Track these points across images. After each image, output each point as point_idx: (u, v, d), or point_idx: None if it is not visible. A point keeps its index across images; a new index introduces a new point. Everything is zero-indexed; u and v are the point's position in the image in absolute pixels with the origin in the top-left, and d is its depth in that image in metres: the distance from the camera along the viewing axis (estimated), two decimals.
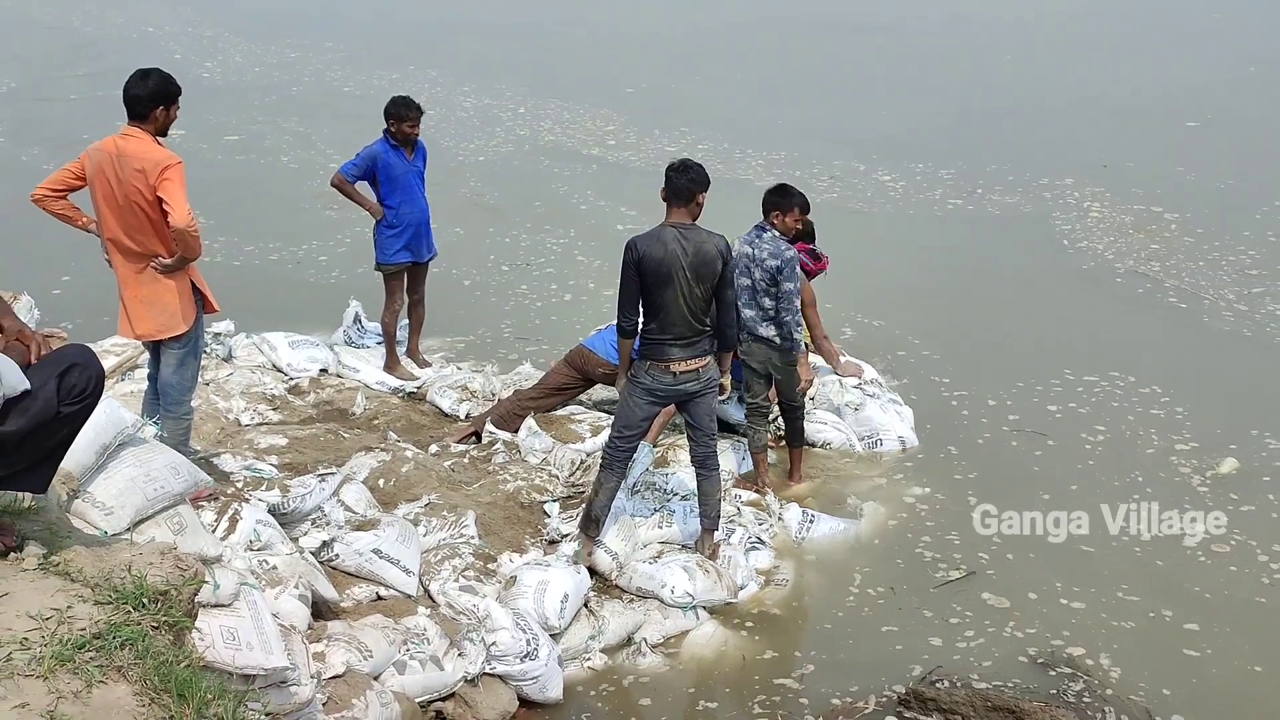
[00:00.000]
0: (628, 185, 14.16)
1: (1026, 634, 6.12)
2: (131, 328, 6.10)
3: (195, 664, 3.42)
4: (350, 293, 9.22)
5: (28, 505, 3.92)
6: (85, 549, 3.68)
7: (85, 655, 3.17)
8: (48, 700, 3.00)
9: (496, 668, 5.51)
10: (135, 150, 5.78)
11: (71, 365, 3.49)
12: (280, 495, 6.08)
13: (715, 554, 6.45)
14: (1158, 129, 17.64)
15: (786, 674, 5.87)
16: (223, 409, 7.69)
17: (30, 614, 3.30)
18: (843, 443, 7.83)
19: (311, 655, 4.94)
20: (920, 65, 22.93)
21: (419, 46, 24.26)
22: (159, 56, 20.57)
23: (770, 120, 18.36)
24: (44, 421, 3.42)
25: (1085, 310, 10.63)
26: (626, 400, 6.21)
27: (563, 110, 18.88)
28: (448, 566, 6.04)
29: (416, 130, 8.03)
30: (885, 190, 14.76)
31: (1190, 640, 6.07)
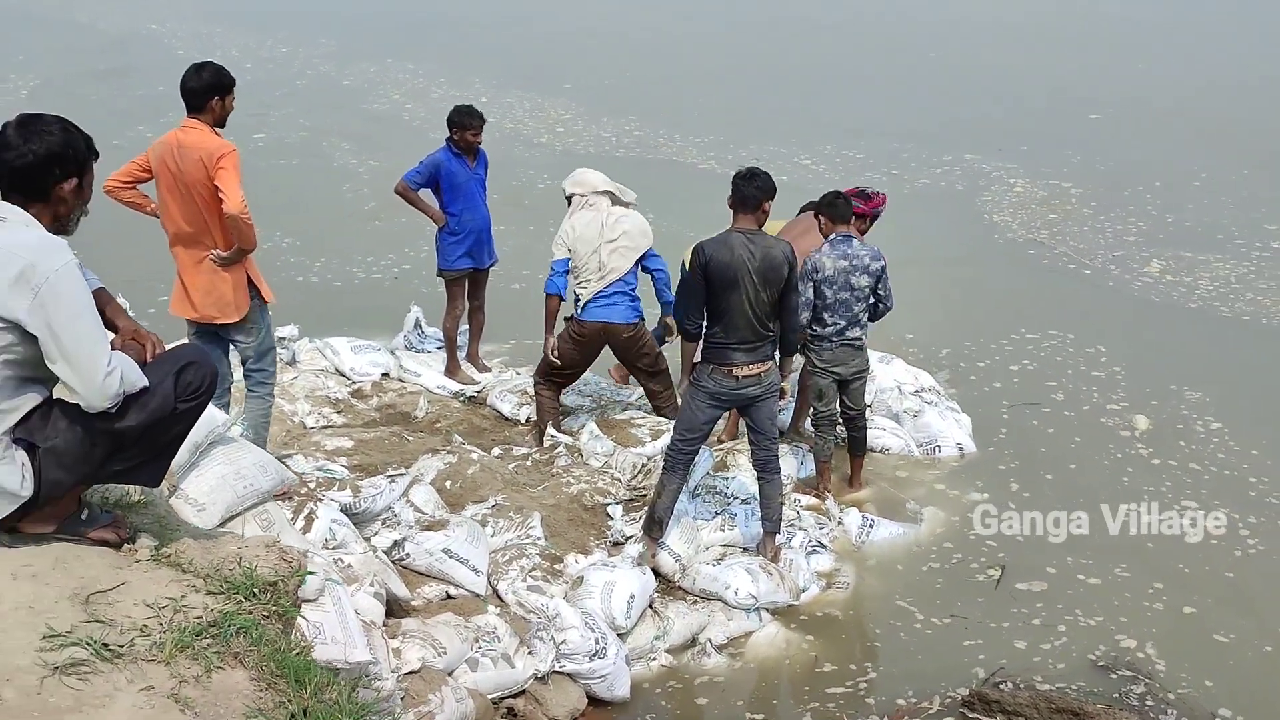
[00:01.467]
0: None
1: (1090, 637, 6.19)
2: (193, 308, 6.34)
3: (306, 652, 3.56)
4: (411, 298, 9.33)
5: (136, 499, 4.08)
6: (194, 541, 3.83)
7: (203, 642, 3.32)
8: (171, 684, 3.15)
9: (566, 666, 5.61)
10: (194, 141, 6.02)
11: (188, 363, 3.64)
12: (352, 495, 6.22)
13: (777, 557, 6.55)
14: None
15: (849, 675, 5.95)
16: (288, 412, 7.85)
17: (147, 603, 3.45)
18: (901, 448, 7.93)
19: (390, 651, 5.09)
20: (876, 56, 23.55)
21: (398, 41, 24.55)
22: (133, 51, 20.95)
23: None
24: (161, 417, 3.57)
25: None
26: (689, 404, 6.33)
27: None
28: (515, 567, 6.15)
29: (479, 139, 8.14)
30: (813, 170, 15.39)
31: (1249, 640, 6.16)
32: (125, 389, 3.48)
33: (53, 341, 3.37)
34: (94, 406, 3.45)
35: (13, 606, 3.29)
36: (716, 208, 6.77)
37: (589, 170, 7.79)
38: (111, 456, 3.58)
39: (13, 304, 3.35)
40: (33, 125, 3.54)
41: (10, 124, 3.55)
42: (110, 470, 3.65)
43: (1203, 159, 15.96)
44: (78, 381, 3.41)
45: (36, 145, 3.50)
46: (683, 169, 15.89)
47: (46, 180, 3.52)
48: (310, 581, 4.55)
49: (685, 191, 13.62)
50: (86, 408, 3.46)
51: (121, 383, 3.46)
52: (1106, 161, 16.07)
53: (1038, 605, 6.47)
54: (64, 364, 3.39)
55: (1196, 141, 16.99)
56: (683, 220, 11.11)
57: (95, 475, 3.64)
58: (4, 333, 3.38)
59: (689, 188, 13.98)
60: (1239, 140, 16.87)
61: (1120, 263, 12.19)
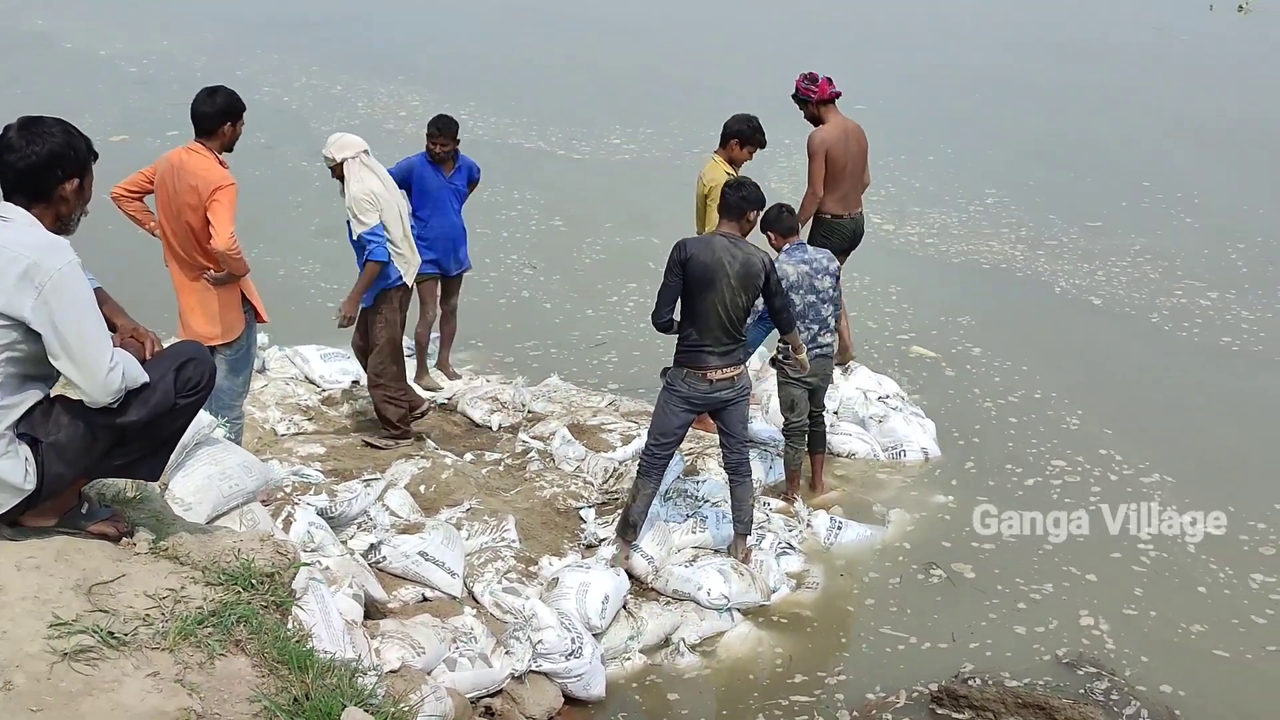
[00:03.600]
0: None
1: (1054, 634, 6.34)
2: (185, 330, 6.32)
3: (305, 639, 3.66)
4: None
5: (133, 495, 4.16)
6: (190, 535, 3.92)
7: (204, 630, 3.41)
8: (176, 669, 3.25)
9: (543, 665, 5.68)
10: (195, 167, 6.00)
11: (188, 360, 3.74)
12: (328, 499, 6.30)
13: (748, 558, 6.68)
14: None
15: (820, 673, 6.07)
16: (259, 419, 7.90)
17: (148, 593, 3.54)
18: (868, 453, 8.08)
19: (371, 650, 5.18)
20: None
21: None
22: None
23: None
24: (162, 413, 3.66)
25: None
26: (663, 409, 6.45)
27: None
28: (491, 569, 6.25)
29: (443, 148, 8.16)
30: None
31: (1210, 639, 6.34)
32: (127, 385, 3.57)
33: (56, 338, 3.45)
34: (96, 402, 3.54)
35: (19, 596, 3.37)
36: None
37: (346, 134, 7.68)
38: (112, 451, 3.66)
39: (17, 302, 3.43)
40: (34, 127, 3.63)
41: (12, 126, 3.63)
42: (111, 465, 3.73)
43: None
44: (81, 377, 3.49)
45: (39, 146, 3.59)
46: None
47: (49, 181, 3.61)
48: (298, 577, 4.67)
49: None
50: (89, 403, 3.55)
51: (123, 379, 3.55)
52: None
53: (1002, 604, 6.62)
54: (67, 360, 3.48)
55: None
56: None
57: (96, 470, 3.73)
58: (8, 330, 3.46)
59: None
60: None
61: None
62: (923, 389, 9.11)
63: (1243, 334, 10.52)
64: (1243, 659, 6.18)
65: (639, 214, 13.74)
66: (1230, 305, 11.23)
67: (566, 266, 12.13)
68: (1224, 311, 11.07)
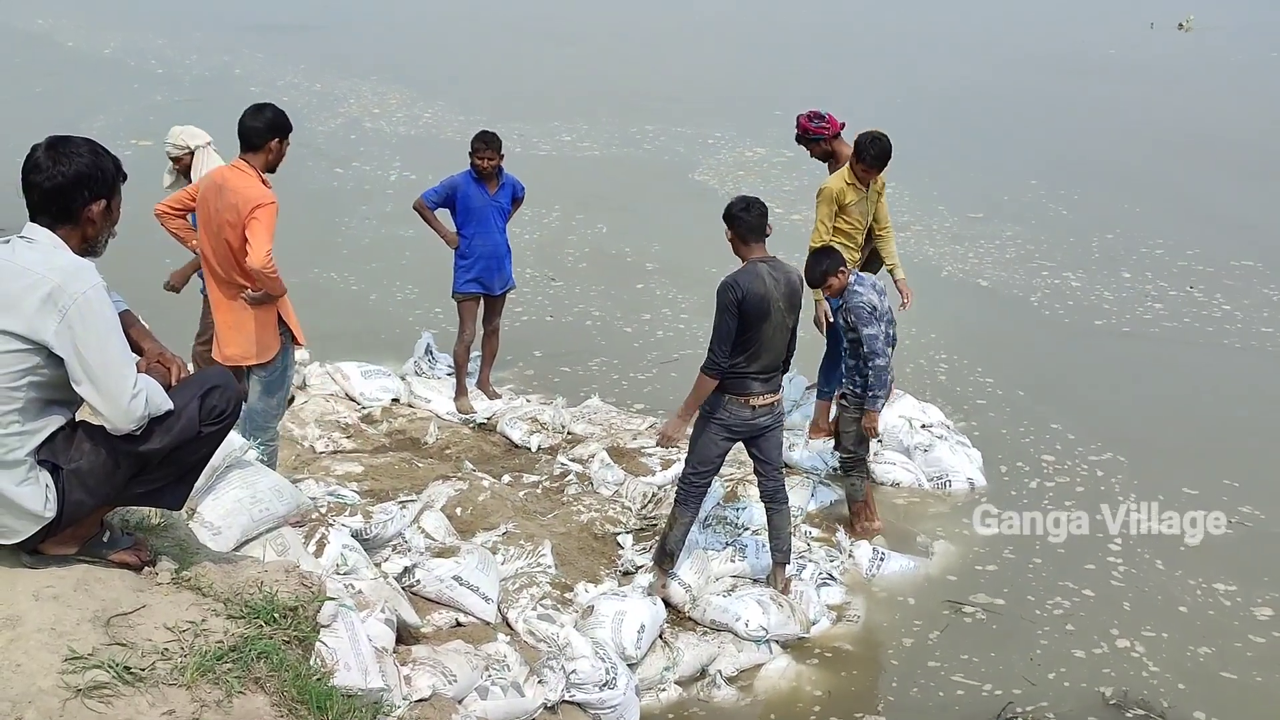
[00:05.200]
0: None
1: (1102, 675, 6.17)
2: (219, 350, 6.27)
3: (327, 678, 3.56)
4: (422, 324, 9.35)
5: (157, 522, 4.08)
6: (214, 565, 3.84)
7: (224, 666, 3.33)
8: (192, 708, 3.16)
9: (576, 696, 5.59)
10: (236, 184, 5.94)
11: (213, 387, 3.65)
12: (363, 521, 6.21)
13: (788, 589, 6.55)
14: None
15: (859, 710, 5.93)
16: (298, 436, 7.87)
17: (168, 626, 3.46)
18: (912, 482, 7.92)
19: (401, 678, 5.08)
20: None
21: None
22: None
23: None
24: (186, 440, 3.58)
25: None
26: (702, 436, 6.32)
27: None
28: (526, 595, 6.15)
29: (489, 161, 8.11)
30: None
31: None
32: (150, 411, 3.49)
33: (79, 363, 3.38)
34: (119, 429, 3.46)
35: (35, 628, 3.29)
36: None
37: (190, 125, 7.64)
38: (135, 479, 3.59)
39: (40, 325, 3.36)
40: (62, 147, 3.56)
41: (40, 146, 3.57)
42: (134, 493, 3.66)
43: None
44: (103, 404, 3.42)
45: (65, 167, 3.52)
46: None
47: (75, 202, 3.54)
48: (325, 607, 4.57)
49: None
50: (111, 430, 3.48)
51: (147, 405, 3.47)
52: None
53: (1047, 638, 6.46)
54: (90, 386, 3.40)
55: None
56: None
57: (118, 497, 3.65)
58: (30, 354, 3.39)
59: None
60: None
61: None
62: (968, 416, 8.93)
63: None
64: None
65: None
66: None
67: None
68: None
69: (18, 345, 3.37)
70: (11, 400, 3.41)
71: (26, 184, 3.53)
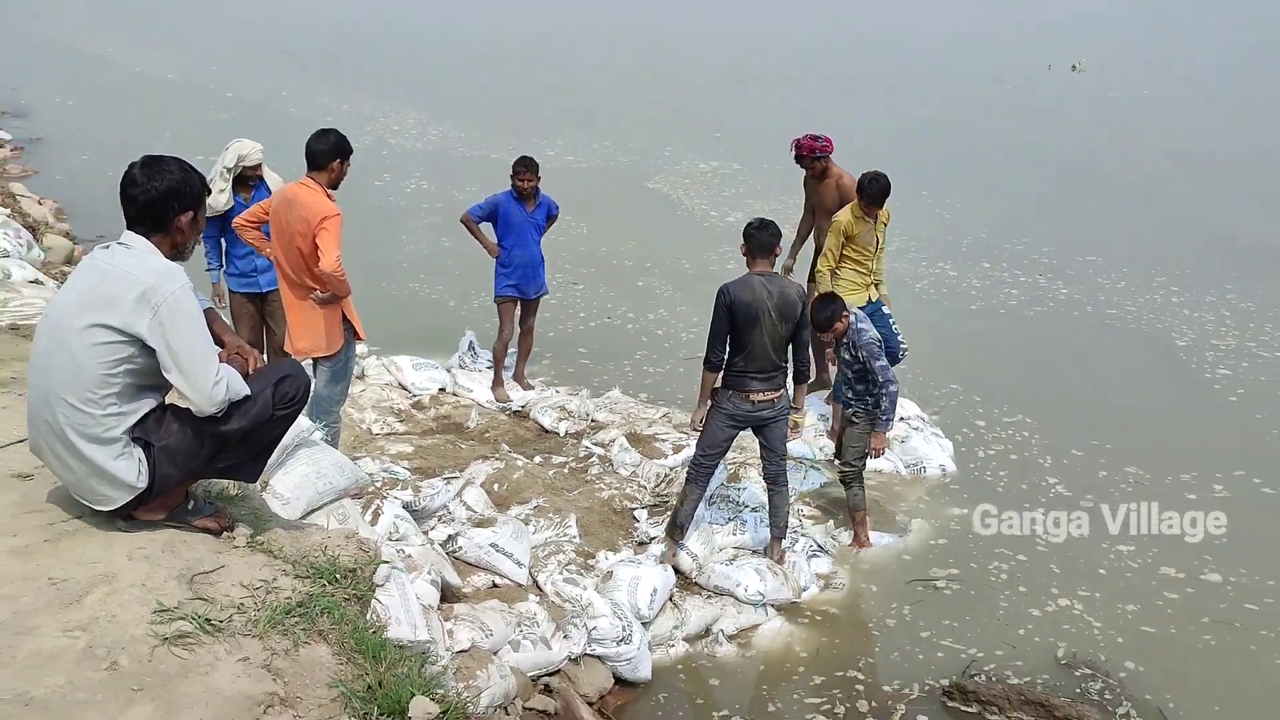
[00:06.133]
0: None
1: (1062, 631, 6.15)
2: (291, 344, 6.26)
3: (381, 631, 3.55)
4: (466, 323, 9.33)
5: (234, 494, 4.09)
6: (284, 531, 3.84)
7: (291, 620, 3.33)
8: (264, 656, 3.16)
9: (596, 649, 5.60)
10: (305, 199, 5.93)
11: (285, 376, 3.66)
12: (413, 494, 6.25)
13: (782, 559, 6.53)
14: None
15: (843, 665, 5.90)
16: (357, 419, 7.85)
17: (243, 584, 3.46)
18: (891, 469, 7.86)
19: (444, 632, 5.07)
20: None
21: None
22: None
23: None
24: (261, 422, 3.58)
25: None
26: (710, 424, 6.31)
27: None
28: (553, 561, 6.14)
29: (528, 182, 8.08)
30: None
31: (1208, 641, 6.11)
32: (230, 397, 3.50)
33: (169, 354, 3.39)
34: (203, 411, 3.47)
35: (129, 584, 3.30)
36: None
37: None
38: (216, 455, 3.60)
39: (135, 321, 3.37)
40: (155, 165, 3.56)
41: (136, 164, 3.57)
42: (215, 467, 3.67)
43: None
44: (190, 389, 3.43)
45: (159, 183, 3.53)
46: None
47: (167, 213, 3.55)
48: (380, 569, 4.57)
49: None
50: (196, 412, 3.49)
51: (227, 391, 3.48)
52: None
53: (1009, 606, 6.41)
54: (178, 374, 3.41)
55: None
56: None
57: (202, 471, 3.66)
58: (126, 345, 3.40)
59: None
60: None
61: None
62: (941, 411, 8.87)
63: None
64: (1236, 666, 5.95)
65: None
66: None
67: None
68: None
69: (116, 338, 3.39)
70: (110, 385, 3.42)
71: (124, 197, 3.54)
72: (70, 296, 3.50)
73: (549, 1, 37.36)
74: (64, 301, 3.52)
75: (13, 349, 5.58)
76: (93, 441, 3.43)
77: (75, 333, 3.39)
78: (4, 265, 7.81)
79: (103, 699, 2.89)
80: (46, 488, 3.82)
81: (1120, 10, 48.05)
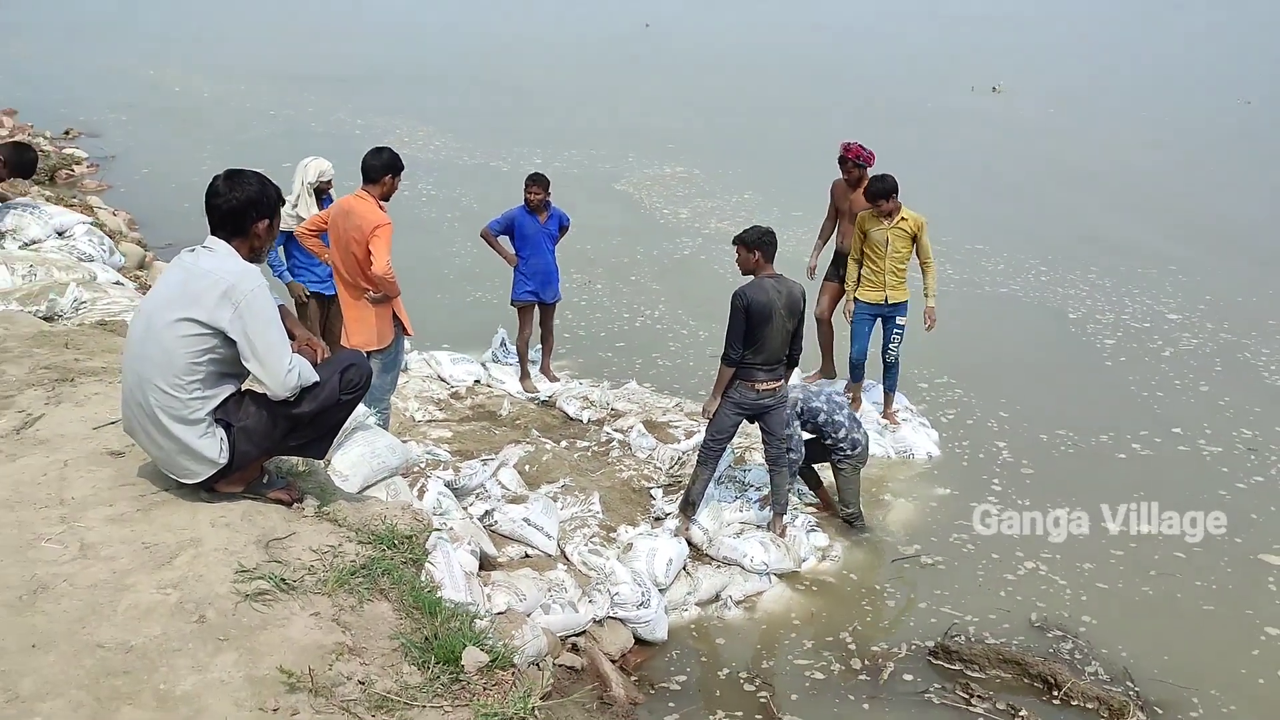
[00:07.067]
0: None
1: (1028, 602, 6.19)
2: (348, 339, 6.33)
3: (435, 590, 3.62)
4: (498, 322, 9.34)
5: (302, 470, 4.15)
6: (347, 503, 3.90)
7: (356, 580, 3.39)
8: (333, 611, 3.22)
9: (618, 613, 5.66)
10: (360, 210, 6.00)
11: (350, 365, 3.72)
12: (453, 474, 6.30)
13: (783, 533, 6.56)
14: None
15: (838, 627, 5.96)
16: (401, 408, 7.89)
17: (312, 548, 3.52)
18: (882, 454, 7.85)
19: (484, 595, 5.14)
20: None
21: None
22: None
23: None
24: (329, 405, 3.65)
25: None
26: (719, 412, 6.35)
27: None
28: (579, 534, 6.19)
29: (537, 196, 8.06)
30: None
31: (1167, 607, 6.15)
32: (301, 383, 3.56)
33: (247, 344, 3.46)
34: (277, 396, 3.54)
35: (213, 548, 3.37)
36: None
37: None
38: (289, 435, 3.67)
39: (219, 315, 3.44)
40: (237, 177, 3.63)
41: (219, 176, 3.64)
42: (287, 445, 3.73)
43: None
44: (266, 376, 3.49)
45: (239, 193, 3.59)
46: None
47: (246, 220, 3.61)
48: (430, 538, 4.63)
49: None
50: (271, 396, 3.55)
51: (299, 378, 3.55)
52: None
53: (987, 576, 6.45)
54: (255, 362, 3.48)
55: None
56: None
57: (275, 449, 3.73)
58: (210, 337, 3.47)
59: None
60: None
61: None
62: (928, 402, 8.90)
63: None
64: (1189, 624, 6.04)
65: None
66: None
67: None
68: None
69: (201, 330, 3.45)
70: (195, 372, 3.49)
71: (208, 205, 3.61)
72: (161, 293, 3.56)
73: (523, 26, 38.16)
74: (155, 298, 3.59)
75: (102, 342, 5.65)
76: (180, 422, 3.49)
77: (166, 326, 3.45)
78: (91, 269, 7.89)
79: (193, 647, 2.96)
80: (137, 463, 3.89)
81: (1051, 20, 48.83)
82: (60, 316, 6.84)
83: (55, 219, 8.62)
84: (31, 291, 7.08)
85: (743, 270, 6.21)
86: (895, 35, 41.13)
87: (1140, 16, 52.38)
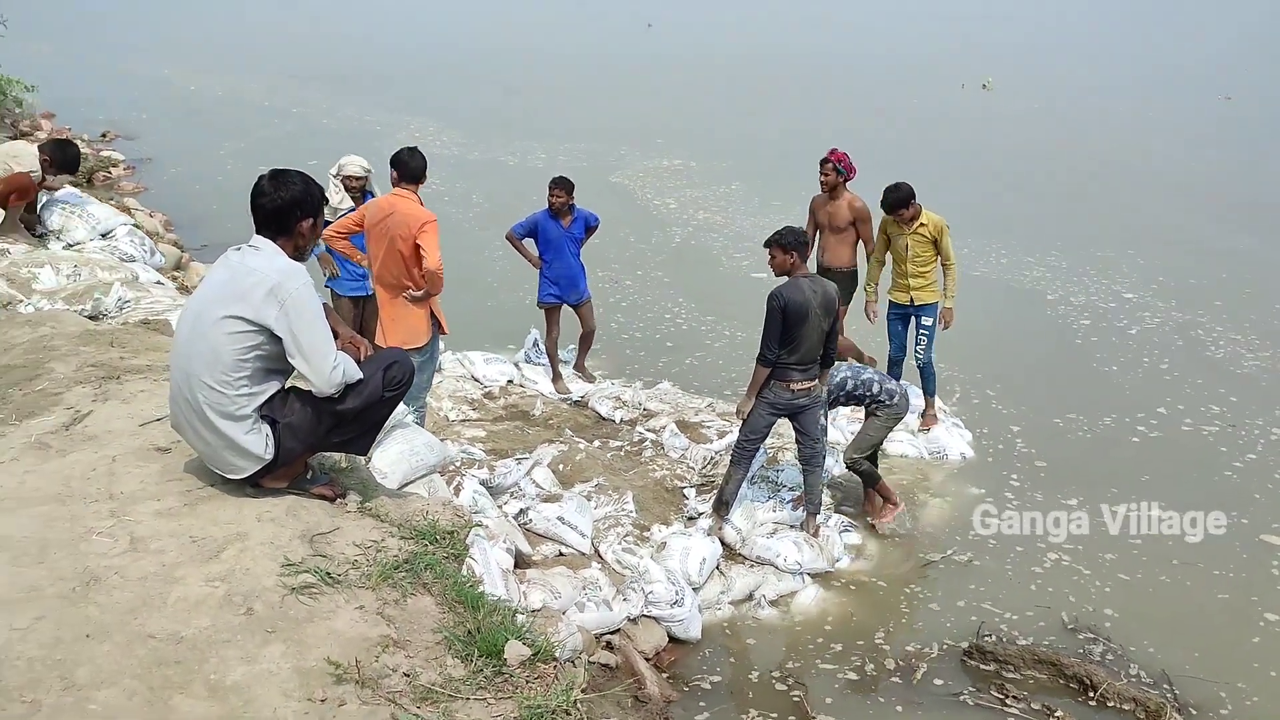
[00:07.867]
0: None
1: (1058, 603, 6.16)
2: (384, 338, 6.38)
3: (477, 584, 3.65)
4: (531, 323, 9.39)
5: (345, 466, 4.20)
6: (389, 499, 3.95)
7: (399, 574, 3.43)
8: (377, 604, 3.26)
9: (652, 611, 5.67)
10: (404, 208, 6.06)
11: (393, 362, 3.77)
12: (488, 473, 6.33)
13: (817, 533, 6.56)
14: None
15: (872, 627, 5.95)
16: (435, 408, 7.95)
17: (356, 543, 3.57)
18: (916, 455, 7.87)
19: (520, 593, 5.17)
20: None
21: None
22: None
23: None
24: (372, 402, 3.69)
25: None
26: (754, 411, 6.36)
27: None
28: (613, 533, 6.21)
29: (559, 199, 8.07)
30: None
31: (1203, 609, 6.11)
32: (345, 380, 3.61)
33: (293, 342, 3.51)
34: (322, 392, 3.59)
35: (259, 542, 3.42)
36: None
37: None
38: (333, 431, 3.71)
39: (265, 312, 3.49)
40: (281, 177, 3.68)
41: (264, 176, 3.69)
42: (331, 442, 3.78)
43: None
44: (311, 373, 3.54)
45: (284, 193, 3.64)
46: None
47: (290, 220, 3.66)
48: (470, 533, 4.67)
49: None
50: (316, 393, 3.60)
51: (343, 375, 3.59)
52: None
53: (1016, 576, 6.43)
54: (301, 359, 3.53)
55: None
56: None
57: (320, 445, 3.77)
58: (256, 334, 3.52)
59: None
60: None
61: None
62: (959, 403, 8.86)
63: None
64: (1225, 631, 5.96)
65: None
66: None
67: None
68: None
69: (248, 327, 3.50)
70: (241, 369, 3.54)
71: (253, 205, 3.66)
72: (207, 291, 3.62)
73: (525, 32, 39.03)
74: (202, 296, 3.64)
75: (146, 340, 5.74)
76: (227, 418, 3.55)
77: (213, 323, 3.51)
78: (133, 268, 8.01)
79: (242, 639, 3.01)
80: (183, 459, 3.95)
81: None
82: (105, 315, 6.95)
83: (101, 222, 8.77)
84: (76, 291, 7.21)
85: (777, 272, 6.22)
86: (894, 33, 41.20)
87: (1130, 16, 52.44)
